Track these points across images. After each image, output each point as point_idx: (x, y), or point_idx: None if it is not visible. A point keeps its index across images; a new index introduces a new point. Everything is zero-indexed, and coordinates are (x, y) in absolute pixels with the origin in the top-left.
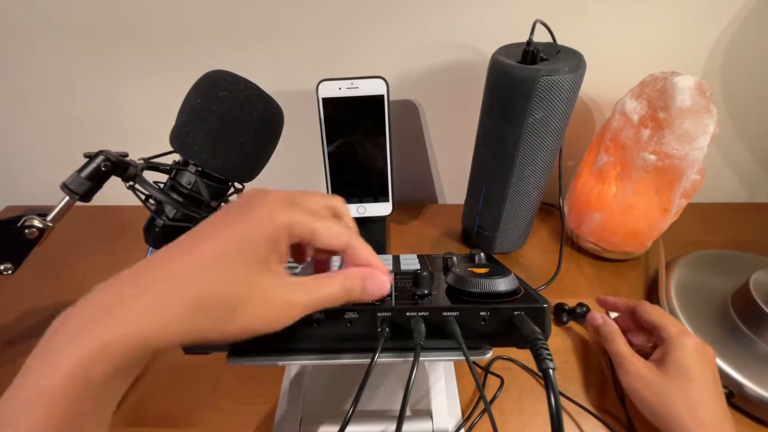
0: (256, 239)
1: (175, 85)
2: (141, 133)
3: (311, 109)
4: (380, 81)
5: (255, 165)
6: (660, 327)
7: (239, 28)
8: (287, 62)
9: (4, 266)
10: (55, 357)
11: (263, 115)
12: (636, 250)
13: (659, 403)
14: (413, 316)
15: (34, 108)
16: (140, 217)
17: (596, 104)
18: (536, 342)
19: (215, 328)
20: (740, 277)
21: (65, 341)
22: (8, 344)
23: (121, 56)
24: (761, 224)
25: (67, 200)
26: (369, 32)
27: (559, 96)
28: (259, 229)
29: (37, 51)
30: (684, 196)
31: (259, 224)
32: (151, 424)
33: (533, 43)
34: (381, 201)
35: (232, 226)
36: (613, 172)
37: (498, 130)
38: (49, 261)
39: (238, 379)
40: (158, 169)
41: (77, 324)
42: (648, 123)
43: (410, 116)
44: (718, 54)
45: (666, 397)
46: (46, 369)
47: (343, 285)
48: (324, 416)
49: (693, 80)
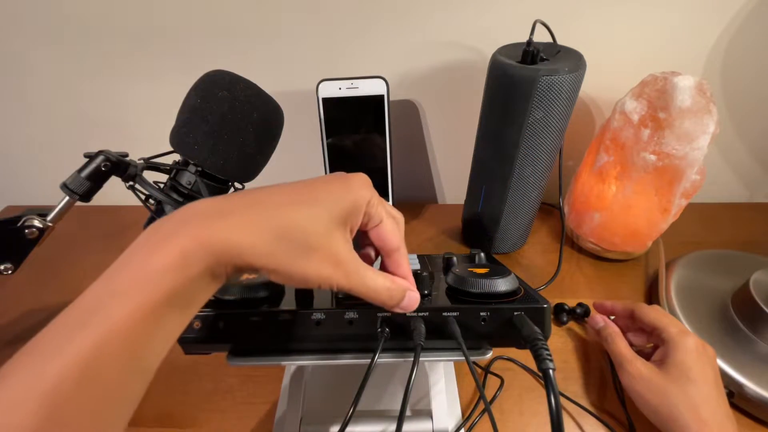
0: (343, 198)
1: (175, 85)
2: (141, 133)
3: (311, 109)
4: (380, 81)
5: (255, 165)
6: (660, 328)
7: (239, 29)
8: (287, 62)
9: (4, 266)
10: (159, 244)
11: (263, 115)
12: (636, 250)
13: (661, 404)
14: (413, 316)
15: (34, 108)
16: (140, 217)
17: (596, 104)
18: (536, 342)
19: (291, 261)
20: (740, 277)
21: (169, 232)
22: (8, 344)
23: (121, 56)
24: (761, 224)
25: (67, 200)
26: (369, 32)
27: (559, 96)
28: (348, 193)
29: (37, 51)
30: (684, 196)
31: (349, 189)
32: (151, 424)
33: (533, 43)
34: None
35: (327, 183)
36: (613, 172)
37: (498, 130)
38: (49, 261)
39: (238, 379)
40: (158, 169)
41: (181, 217)
42: (648, 123)
43: (410, 116)
44: (718, 54)
45: (667, 398)
46: (152, 253)
47: (388, 289)
48: (324, 416)
49: (693, 80)
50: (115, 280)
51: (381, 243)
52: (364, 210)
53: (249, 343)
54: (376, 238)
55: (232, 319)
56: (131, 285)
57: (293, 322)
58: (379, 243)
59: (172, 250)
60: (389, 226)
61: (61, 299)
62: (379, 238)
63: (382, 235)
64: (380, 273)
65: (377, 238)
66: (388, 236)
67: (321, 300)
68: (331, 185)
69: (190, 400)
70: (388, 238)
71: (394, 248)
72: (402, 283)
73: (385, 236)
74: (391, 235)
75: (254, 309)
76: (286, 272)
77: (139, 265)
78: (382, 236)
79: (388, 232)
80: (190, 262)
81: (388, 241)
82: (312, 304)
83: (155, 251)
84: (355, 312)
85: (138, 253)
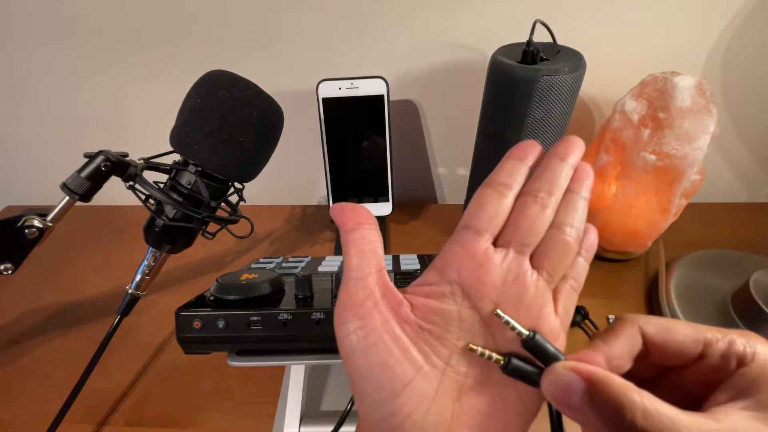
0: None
1: (175, 85)
2: (141, 133)
3: (311, 109)
4: (380, 81)
5: (255, 165)
6: (713, 343)
7: (239, 29)
8: (287, 62)
9: (4, 266)
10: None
11: (263, 115)
12: (636, 250)
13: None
14: None
15: (34, 108)
16: (140, 217)
17: (596, 104)
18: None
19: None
20: (740, 277)
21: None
22: (8, 344)
23: (121, 56)
24: (761, 224)
25: (67, 200)
26: (369, 32)
27: (559, 96)
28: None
29: (37, 51)
30: (684, 196)
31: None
32: (151, 424)
33: (533, 43)
34: (381, 201)
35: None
36: (613, 172)
37: (498, 130)
38: (49, 261)
39: (238, 379)
40: (158, 169)
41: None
42: (648, 123)
43: (410, 116)
44: (718, 54)
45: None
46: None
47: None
48: (324, 416)
49: (693, 80)
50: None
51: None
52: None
53: (249, 343)
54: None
55: (232, 319)
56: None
57: (293, 322)
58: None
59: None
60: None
61: (61, 299)
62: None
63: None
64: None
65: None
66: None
67: (321, 300)
68: None
69: (190, 400)
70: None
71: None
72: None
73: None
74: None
75: (254, 309)
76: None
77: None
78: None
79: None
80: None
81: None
82: (312, 304)
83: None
84: None
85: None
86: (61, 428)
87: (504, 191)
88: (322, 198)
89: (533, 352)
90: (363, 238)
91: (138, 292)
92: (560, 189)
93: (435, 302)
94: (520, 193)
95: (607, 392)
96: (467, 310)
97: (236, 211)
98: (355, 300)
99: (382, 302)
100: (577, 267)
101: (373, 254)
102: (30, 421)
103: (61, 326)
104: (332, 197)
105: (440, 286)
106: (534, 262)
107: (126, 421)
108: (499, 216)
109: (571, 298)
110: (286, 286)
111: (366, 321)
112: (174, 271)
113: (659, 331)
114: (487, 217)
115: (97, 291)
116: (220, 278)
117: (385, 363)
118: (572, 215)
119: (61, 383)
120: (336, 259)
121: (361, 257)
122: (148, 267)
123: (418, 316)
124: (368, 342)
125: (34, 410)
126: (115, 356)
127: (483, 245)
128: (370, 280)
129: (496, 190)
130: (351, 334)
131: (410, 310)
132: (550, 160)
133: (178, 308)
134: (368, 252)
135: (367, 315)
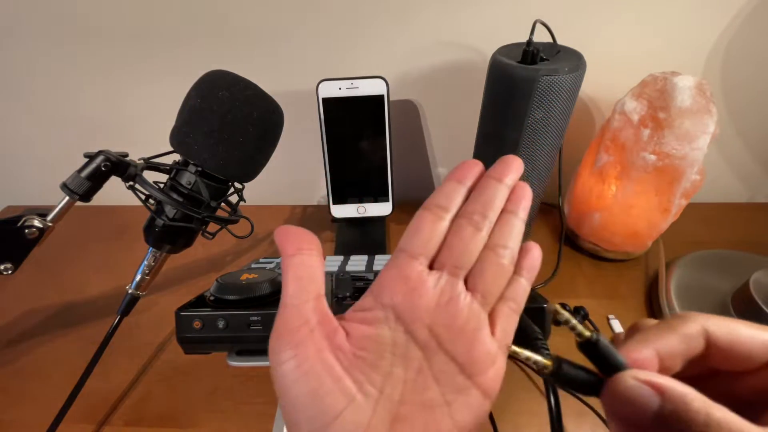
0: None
1: (175, 85)
2: (141, 133)
3: (311, 109)
4: (380, 81)
5: (255, 165)
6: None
7: (239, 29)
8: (287, 62)
9: (4, 266)
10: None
11: (263, 115)
12: (636, 250)
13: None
14: None
15: (34, 108)
16: (140, 217)
17: (596, 104)
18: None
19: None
20: (740, 277)
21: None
22: (8, 344)
23: (121, 56)
24: (761, 224)
25: (67, 200)
26: (369, 32)
27: (559, 96)
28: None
29: (37, 51)
30: (684, 196)
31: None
32: (151, 424)
33: (533, 43)
34: (381, 201)
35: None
36: (613, 172)
37: (498, 130)
38: (49, 261)
39: (238, 379)
40: (158, 169)
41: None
42: (648, 123)
43: (410, 116)
44: (718, 54)
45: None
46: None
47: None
48: None
49: (693, 80)
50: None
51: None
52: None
53: (249, 343)
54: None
55: (232, 319)
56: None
57: None
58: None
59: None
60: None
61: (61, 299)
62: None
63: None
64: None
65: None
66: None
67: None
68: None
69: (191, 400)
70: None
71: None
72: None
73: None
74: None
75: (254, 309)
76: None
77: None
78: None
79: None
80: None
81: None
82: None
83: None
84: None
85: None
86: (61, 428)
87: (441, 214)
88: (322, 198)
89: (592, 356)
90: (302, 263)
91: (138, 292)
92: (495, 210)
93: (369, 328)
94: (456, 216)
95: (688, 413)
96: (401, 335)
97: (236, 211)
98: (290, 327)
99: (317, 330)
100: (517, 288)
101: (311, 280)
102: (30, 421)
103: (61, 326)
104: (332, 197)
105: (374, 312)
106: (469, 285)
107: (126, 421)
108: (434, 239)
109: (510, 320)
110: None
111: (299, 350)
112: (174, 271)
113: (726, 333)
114: (422, 240)
115: (97, 291)
116: (220, 278)
117: (316, 392)
118: (506, 236)
119: (61, 383)
120: (336, 259)
121: (299, 283)
122: (148, 267)
123: (353, 343)
124: (300, 371)
125: (34, 410)
126: (115, 356)
127: (417, 268)
128: (306, 308)
129: (433, 213)
130: (284, 363)
131: (345, 338)
132: (487, 181)
133: (178, 308)
134: (306, 278)
135: (300, 343)
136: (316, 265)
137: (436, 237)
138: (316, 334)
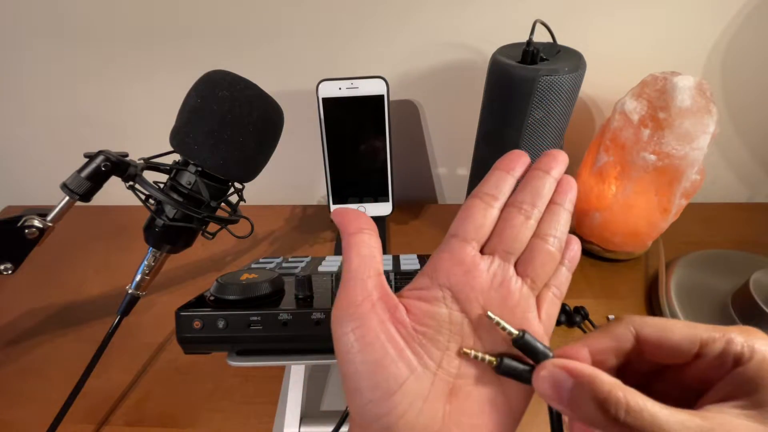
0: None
1: (175, 85)
2: (141, 133)
3: (311, 109)
4: (380, 81)
5: (255, 165)
6: (711, 342)
7: (239, 28)
8: (287, 62)
9: (4, 266)
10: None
11: (263, 115)
12: (636, 250)
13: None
14: None
15: (34, 108)
16: (140, 217)
17: (596, 104)
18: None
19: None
20: (740, 277)
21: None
22: (8, 344)
23: (121, 56)
24: (761, 224)
25: (67, 200)
26: (369, 32)
27: (559, 96)
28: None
29: (37, 51)
30: (684, 196)
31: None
32: (151, 424)
33: (533, 43)
34: (381, 201)
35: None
36: (613, 172)
37: (498, 130)
38: (49, 261)
39: (238, 379)
40: (158, 169)
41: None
42: (648, 123)
43: (410, 116)
44: (718, 54)
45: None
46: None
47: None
48: (324, 416)
49: (693, 80)
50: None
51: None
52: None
53: (249, 343)
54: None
55: (232, 319)
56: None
57: (293, 322)
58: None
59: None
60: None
61: (61, 299)
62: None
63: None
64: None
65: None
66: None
67: (321, 300)
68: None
69: (191, 400)
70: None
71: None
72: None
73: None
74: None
75: (254, 309)
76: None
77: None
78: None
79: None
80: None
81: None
82: (312, 304)
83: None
84: None
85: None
86: (61, 428)
87: (491, 202)
88: (322, 198)
89: (523, 350)
90: (363, 242)
91: (138, 292)
92: (543, 201)
93: (427, 305)
94: (506, 204)
95: (594, 389)
96: (457, 314)
97: (236, 211)
98: (354, 300)
99: (379, 304)
100: (559, 276)
101: (372, 259)
102: (30, 421)
103: (61, 326)
104: (332, 197)
105: (432, 291)
106: (518, 270)
107: (126, 421)
108: (486, 225)
109: (554, 306)
110: (286, 286)
111: (363, 321)
112: (174, 271)
113: (655, 331)
114: (473, 226)
115: (97, 291)
116: (220, 278)
117: (381, 362)
118: (555, 226)
119: (61, 383)
120: (336, 259)
121: (361, 260)
122: (148, 267)
123: (412, 319)
124: (365, 341)
125: (34, 410)
126: (115, 356)
127: (470, 252)
128: (368, 283)
129: (483, 201)
130: (348, 333)
131: (405, 313)
132: (534, 173)
133: (178, 308)
134: (368, 256)
135: (364, 315)
136: (375, 245)
137: (488, 224)
138: (378, 308)
